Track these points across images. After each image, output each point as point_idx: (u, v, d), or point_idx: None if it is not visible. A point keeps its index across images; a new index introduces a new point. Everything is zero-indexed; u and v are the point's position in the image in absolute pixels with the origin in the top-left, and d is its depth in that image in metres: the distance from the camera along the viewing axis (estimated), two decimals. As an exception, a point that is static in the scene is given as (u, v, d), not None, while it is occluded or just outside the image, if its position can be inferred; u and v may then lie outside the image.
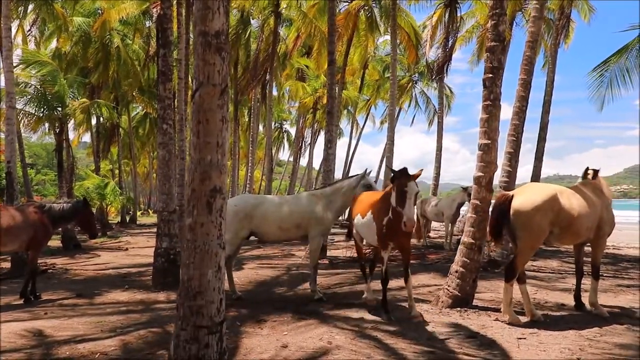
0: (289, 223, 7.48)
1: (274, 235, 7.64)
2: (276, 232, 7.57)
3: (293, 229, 7.52)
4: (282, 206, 7.62)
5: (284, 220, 7.49)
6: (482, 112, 7.10)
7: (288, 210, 7.55)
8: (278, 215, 7.51)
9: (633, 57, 11.31)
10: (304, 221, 7.49)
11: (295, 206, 7.64)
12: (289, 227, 7.50)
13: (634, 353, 4.92)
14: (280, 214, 7.52)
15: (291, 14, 22.99)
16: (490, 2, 7.20)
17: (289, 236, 7.77)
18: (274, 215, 7.51)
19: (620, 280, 9.49)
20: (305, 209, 7.57)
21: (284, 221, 7.49)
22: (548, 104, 17.65)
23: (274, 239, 7.81)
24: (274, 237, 7.70)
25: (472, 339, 5.48)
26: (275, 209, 7.56)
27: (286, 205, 7.66)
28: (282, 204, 7.71)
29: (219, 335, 3.40)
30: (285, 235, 7.72)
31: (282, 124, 49.82)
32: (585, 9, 21.39)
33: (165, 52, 8.91)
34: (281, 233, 7.60)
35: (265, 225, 7.49)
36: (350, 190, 7.60)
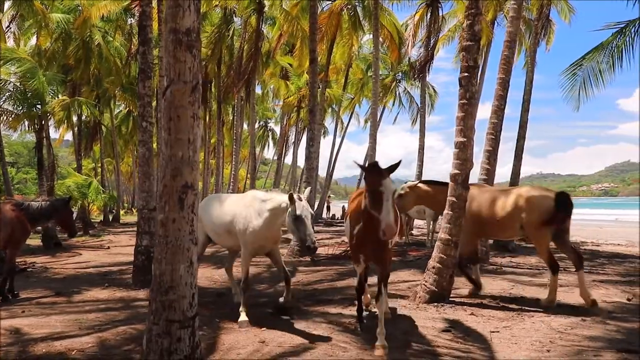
0: (220, 227, 6.42)
1: (218, 241, 6.86)
2: (216, 238, 6.73)
3: (225, 235, 6.41)
4: (220, 206, 6.55)
5: (215, 223, 6.51)
6: (459, 111, 7.22)
7: (221, 212, 6.44)
8: (214, 217, 6.56)
9: (606, 56, 11.50)
10: (232, 228, 6.20)
11: (228, 207, 6.42)
12: (221, 233, 6.47)
13: (602, 344, 5.07)
14: (214, 216, 6.55)
15: (274, 12, 22.99)
16: (467, 2, 7.31)
17: (228, 244, 6.72)
18: (211, 216, 6.59)
19: (595, 276, 9.70)
20: (235, 211, 6.21)
21: (216, 225, 6.51)
22: (527, 103, 17.88)
23: (224, 247, 6.96)
24: (220, 244, 6.95)
25: (448, 332, 5.60)
26: (214, 209, 6.58)
27: (224, 205, 6.54)
28: (222, 203, 6.62)
29: (191, 329, 3.44)
30: (225, 244, 6.75)
31: (267, 122, 49.79)
32: (565, 9, 21.70)
33: (145, 49, 8.89)
34: (220, 240, 6.71)
35: (209, 229, 6.70)
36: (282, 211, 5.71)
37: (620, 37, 11.40)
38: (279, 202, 5.80)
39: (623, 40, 11.39)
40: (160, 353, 3.32)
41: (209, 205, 6.70)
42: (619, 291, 8.08)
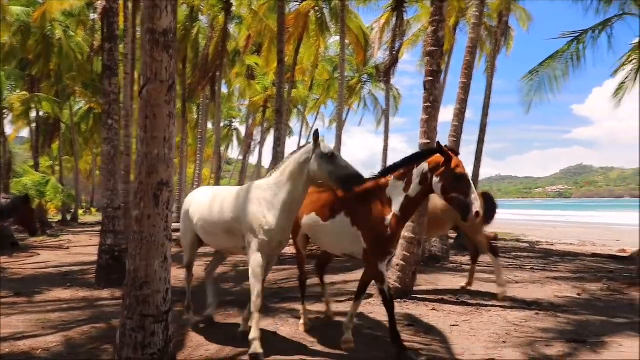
0: (216, 226, 5.19)
1: (210, 242, 5.57)
2: (209, 239, 5.47)
3: (222, 235, 5.18)
4: (215, 201, 5.30)
5: (209, 221, 5.28)
6: (423, 113, 7.48)
7: (218, 208, 5.18)
8: (206, 214, 5.32)
9: (562, 64, 12.07)
10: (236, 225, 4.96)
11: (227, 201, 5.16)
12: (216, 232, 5.23)
13: (554, 335, 5.39)
14: (206, 213, 5.32)
15: (241, 12, 22.94)
16: (432, 9, 7.57)
17: (223, 245, 5.47)
18: (202, 213, 5.38)
19: (549, 273, 10.20)
20: (239, 206, 4.97)
21: (210, 223, 5.27)
22: (487, 107, 18.50)
23: (217, 249, 5.80)
24: (212, 245, 5.64)
25: (411, 327, 5.83)
26: (206, 205, 5.37)
27: (220, 199, 5.27)
28: (216, 197, 5.37)
29: (165, 323, 3.52)
30: (220, 245, 5.53)
31: (232, 122, 49.43)
32: (524, 17, 22.46)
33: (111, 46, 8.81)
34: (214, 240, 5.43)
35: (194, 225, 5.51)
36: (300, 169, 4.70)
37: (574, 46, 11.99)
38: (294, 162, 4.74)
39: (577, 48, 11.99)
40: (134, 347, 3.38)
41: (198, 200, 5.58)
42: (570, 287, 8.53)
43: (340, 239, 5.12)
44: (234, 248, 5.27)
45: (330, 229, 5.11)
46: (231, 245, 5.23)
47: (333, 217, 5.06)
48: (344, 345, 4.91)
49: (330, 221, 5.08)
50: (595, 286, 8.63)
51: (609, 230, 27.96)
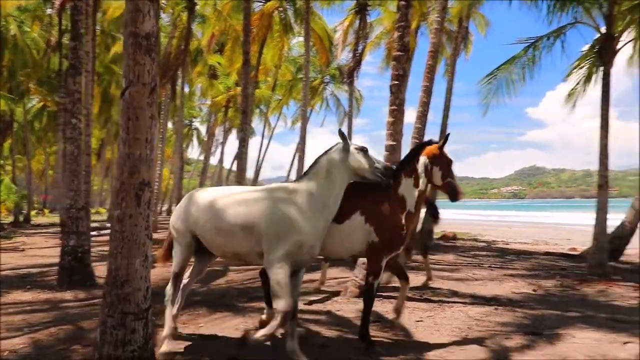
0: (232, 228, 4.56)
1: (213, 245, 4.82)
2: (215, 241, 4.75)
3: (239, 232, 4.53)
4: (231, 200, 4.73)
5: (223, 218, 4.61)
6: (389, 116, 7.71)
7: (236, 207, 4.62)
8: (219, 213, 4.66)
9: (518, 69, 12.61)
10: (258, 228, 4.46)
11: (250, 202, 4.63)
12: (231, 230, 4.57)
13: (512, 329, 5.71)
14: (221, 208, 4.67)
15: (205, 11, 22.78)
16: (397, 14, 7.82)
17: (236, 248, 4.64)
18: (213, 211, 4.71)
19: (505, 270, 10.66)
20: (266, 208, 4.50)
21: (224, 220, 4.60)
22: (447, 109, 19.05)
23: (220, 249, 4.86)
24: (220, 249, 4.83)
25: (378, 322, 6.01)
26: (218, 203, 4.74)
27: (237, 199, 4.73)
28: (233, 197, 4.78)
29: (145, 321, 3.58)
30: (227, 249, 4.76)
31: (192, 121, 48.85)
32: (482, 22, 23.23)
33: (75, 44, 8.66)
34: (225, 243, 4.68)
35: (202, 227, 4.78)
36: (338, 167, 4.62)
37: (530, 52, 12.55)
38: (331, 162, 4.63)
39: (533, 54, 12.56)
40: (114, 344, 3.43)
41: (205, 200, 4.87)
42: (526, 283, 8.95)
43: (353, 240, 5.00)
44: (248, 254, 4.63)
45: (345, 231, 4.96)
46: (244, 250, 4.60)
47: (349, 218, 4.94)
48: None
49: (347, 223, 4.91)
50: (549, 283, 9.09)
51: (561, 230, 29.18)
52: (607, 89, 10.67)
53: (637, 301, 7.50)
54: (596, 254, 10.45)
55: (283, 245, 4.32)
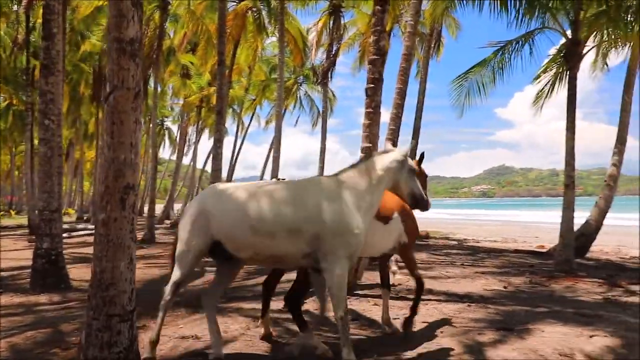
0: (274, 224, 4.14)
1: (247, 244, 4.22)
2: (250, 239, 4.18)
3: (283, 234, 4.12)
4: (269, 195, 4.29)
5: (264, 217, 4.15)
6: (365, 119, 7.86)
7: (276, 202, 4.22)
8: (254, 208, 4.19)
9: (488, 71, 12.96)
10: (309, 227, 4.12)
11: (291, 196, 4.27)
12: (273, 231, 4.13)
13: (485, 325, 5.91)
14: (258, 207, 4.20)
15: (178, 10, 22.59)
16: (373, 19, 7.97)
17: (276, 250, 4.22)
18: (248, 207, 4.21)
19: (477, 268, 10.96)
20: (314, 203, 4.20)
21: (265, 220, 4.15)
22: (420, 110, 19.39)
23: (250, 253, 4.30)
24: (247, 247, 4.25)
25: (356, 321, 6.14)
26: (251, 198, 4.26)
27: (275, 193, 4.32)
28: (266, 191, 4.35)
29: (131, 322, 3.62)
30: (267, 248, 4.21)
31: (163, 121, 48.28)
32: (453, 26, 23.68)
33: (48, 44, 8.54)
34: (260, 242, 4.17)
35: (230, 227, 4.21)
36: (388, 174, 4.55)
37: (500, 55, 12.91)
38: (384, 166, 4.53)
39: (502, 57, 12.91)
40: (100, 346, 3.46)
41: (234, 198, 4.31)
42: (496, 280, 9.23)
43: (390, 239, 5.27)
44: (291, 256, 4.24)
45: (387, 230, 5.17)
46: (288, 252, 4.21)
47: (392, 217, 5.19)
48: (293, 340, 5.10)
49: (391, 222, 5.19)
50: (518, 279, 9.40)
51: (529, 228, 29.93)
52: (573, 92, 11.06)
53: (602, 296, 7.84)
54: (563, 251, 10.83)
55: (345, 246, 4.13)
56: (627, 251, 15.96)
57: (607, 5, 10.56)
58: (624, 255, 14.68)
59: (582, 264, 11.78)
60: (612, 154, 13.75)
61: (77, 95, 31.68)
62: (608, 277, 9.73)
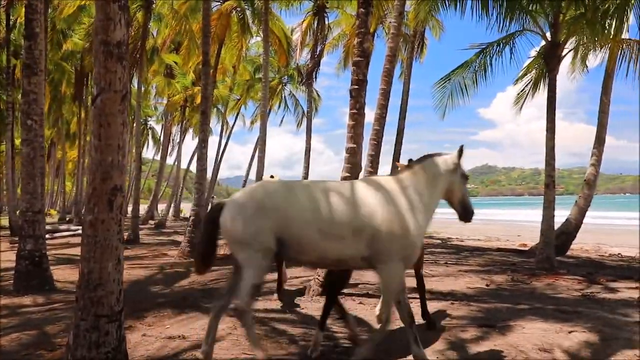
0: (342, 226, 4.04)
1: (312, 245, 4.06)
2: (316, 241, 4.04)
3: (349, 236, 4.04)
4: (332, 195, 4.17)
5: (331, 218, 4.05)
6: (349, 119, 7.94)
7: (342, 202, 4.13)
8: (321, 208, 4.09)
9: (470, 73, 13.15)
10: (368, 228, 4.05)
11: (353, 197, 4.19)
12: (341, 233, 4.03)
13: (467, 322, 6.04)
14: (324, 207, 4.10)
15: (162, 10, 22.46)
16: (357, 21, 8.06)
17: (341, 253, 4.09)
18: (314, 206, 4.09)
19: (460, 267, 11.12)
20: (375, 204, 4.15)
21: (332, 220, 4.05)
22: (404, 111, 19.57)
23: (315, 256, 4.16)
24: (313, 250, 4.09)
25: (342, 319, 6.22)
26: (316, 198, 4.15)
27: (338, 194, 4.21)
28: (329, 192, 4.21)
29: (119, 323, 3.65)
30: (334, 250, 4.08)
31: (147, 120, 47.95)
32: (436, 27, 23.90)
33: (30, 44, 8.47)
34: (328, 244, 4.04)
35: (296, 228, 4.03)
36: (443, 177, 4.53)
37: (481, 57, 13.11)
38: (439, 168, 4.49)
39: (484, 60, 13.12)
40: (88, 347, 3.48)
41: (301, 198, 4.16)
42: (479, 279, 9.39)
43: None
44: (352, 258, 4.14)
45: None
46: (351, 255, 4.10)
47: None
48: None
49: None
50: (501, 278, 9.57)
51: (512, 227, 30.36)
52: (553, 94, 11.28)
53: (581, 293, 8.03)
54: (543, 249, 11.05)
55: (400, 249, 4.10)
56: (606, 249, 16.34)
57: (585, 9, 10.79)
58: (603, 253, 15.02)
59: (562, 261, 12.03)
60: (591, 155, 14.03)
61: (59, 95, 31.31)
62: (587, 275, 9.96)
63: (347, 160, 7.92)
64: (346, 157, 7.94)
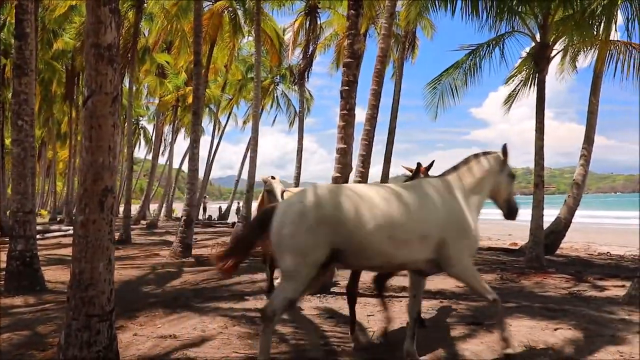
0: (408, 231, 3.99)
1: (380, 252, 3.97)
2: (385, 248, 3.96)
3: (415, 241, 4.02)
4: (394, 201, 4.08)
5: (400, 224, 3.97)
6: (340, 120, 8.01)
7: (406, 207, 4.05)
8: (389, 214, 3.97)
9: (461, 74, 13.27)
10: (437, 231, 4.08)
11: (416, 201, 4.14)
12: (410, 238, 4.01)
13: (455, 320, 6.14)
14: (391, 213, 3.98)
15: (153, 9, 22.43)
16: (347, 23, 8.13)
17: (406, 258, 4.09)
18: (381, 213, 3.95)
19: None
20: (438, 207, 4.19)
21: (402, 226, 3.97)
22: (395, 111, 19.68)
23: (380, 262, 4.12)
24: (378, 256, 4.02)
25: (332, 318, 6.29)
26: (380, 203, 4.00)
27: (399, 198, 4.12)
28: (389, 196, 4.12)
29: (110, 322, 3.70)
30: (400, 256, 4.05)
31: (139, 120, 47.80)
32: (428, 26, 24.01)
33: (21, 44, 8.47)
34: (395, 250, 3.99)
35: (363, 237, 3.88)
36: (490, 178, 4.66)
37: (472, 58, 13.23)
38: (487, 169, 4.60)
39: (474, 60, 13.23)
40: (79, 346, 3.53)
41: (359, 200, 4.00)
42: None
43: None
44: (415, 262, 4.18)
45: None
46: (416, 259, 4.12)
47: None
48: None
49: None
50: (490, 276, 9.67)
51: (503, 226, 30.47)
52: (542, 94, 11.41)
53: (568, 291, 8.15)
54: (533, 248, 11.18)
55: (468, 248, 4.32)
56: (596, 248, 16.52)
57: (573, 10, 10.92)
58: (592, 252, 15.19)
59: (552, 260, 12.17)
60: (580, 155, 14.20)
61: (49, 94, 31.15)
62: (576, 273, 10.09)
63: (337, 160, 8.00)
64: (337, 158, 8.02)
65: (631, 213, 40.27)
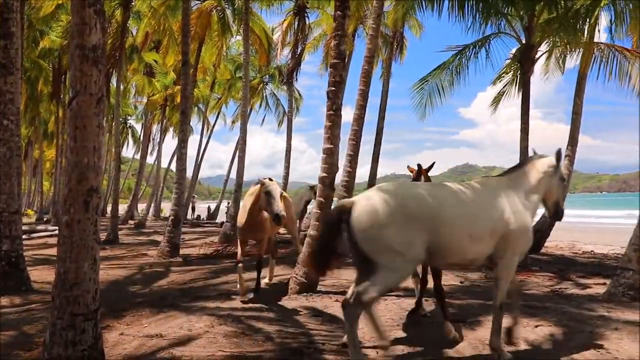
0: (482, 228, 4.26)
1: (460, 249, 4.23)
2: (465, 245, 4.22)
3: (486, 236, 4.27)
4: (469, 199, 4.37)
5: (477, 221, 4.26)
6: (326, 121, 8.07)
7: (480, 205, 4.35)
8: (469, 212, 4.25)
9: (448, 75, 13.39)
10: (500, 228, 4.33)
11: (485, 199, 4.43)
12: (483, 236, 4.26)
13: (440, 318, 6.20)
14: (471, 211, 4.27)
15: (141, 8, 22.33)
16: (334, 24, 8.19)
17: (476, 254, 4.36)
18: (463, 211, 4.23)
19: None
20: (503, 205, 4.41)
21: (479, 224, 4.26)
22: (383, 111, 19.79)
23: (457, 258, 4.41)
24: (457, 254, 4.30)
25: (317, 317, 6.35)
26: (460, 203, 4.28)
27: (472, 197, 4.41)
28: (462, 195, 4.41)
29: (95, 321, 3.72)
30: (475, 253, 4.32)
31: (127, 119, 47.49)
32: (416, 26, 24.16)
33: (6, 43, 8.43)
34: (472, 247, 4.25)
35: (448, 235, 4.11)
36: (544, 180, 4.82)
37: (458, 58, 13.35)
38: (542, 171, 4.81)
39: (460, 61, 13.36)
40: (64, 345, 3.55)
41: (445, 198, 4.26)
42: (454, 276, 9.60)
43: None
44: (479, 259, 4.46)
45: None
46: (482, 255, 4.41)
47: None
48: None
49: None
50: (475, 275, 9.79)
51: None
52: (527, 95, 11.56)
53: (550, 289, 8.29)
54: (517, 247, 11.28)
55: (523, 245, 4.53)
56: (580, 246, 16.76)
57: (557, 12, 11.06)
58: (577, 251, 15.42)
59: (536, 259, 12.33)
60: (564, 155, 14.36)
61: (36, 93, 30.87)
62: (559, 272, 10.25)
63: (324, 160, 8.05)
64: (323, 158, 8.07)
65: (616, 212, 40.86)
